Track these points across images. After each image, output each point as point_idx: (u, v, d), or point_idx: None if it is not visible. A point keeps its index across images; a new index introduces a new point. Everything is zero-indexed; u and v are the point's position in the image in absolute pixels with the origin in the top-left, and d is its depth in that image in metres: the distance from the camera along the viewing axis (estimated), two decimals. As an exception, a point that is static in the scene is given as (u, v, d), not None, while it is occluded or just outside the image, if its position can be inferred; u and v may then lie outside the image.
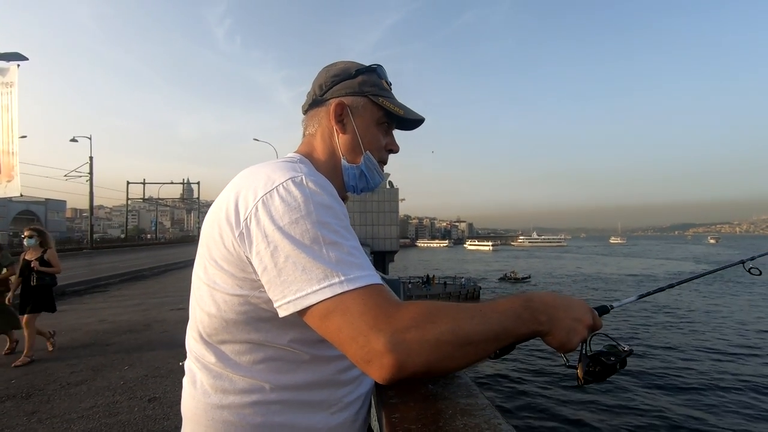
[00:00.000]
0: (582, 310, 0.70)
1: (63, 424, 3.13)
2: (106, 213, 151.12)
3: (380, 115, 0.88)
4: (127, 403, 3.53)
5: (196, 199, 62.36)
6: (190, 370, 0.77)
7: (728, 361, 16.05)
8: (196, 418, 0.74)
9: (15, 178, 7.21)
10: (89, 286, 11.10)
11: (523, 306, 0.65)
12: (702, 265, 67.71)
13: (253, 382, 0.71)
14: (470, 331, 0.60)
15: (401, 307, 0.61)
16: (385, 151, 0.92)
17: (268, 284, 0.64)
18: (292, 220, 0.63)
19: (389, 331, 0.57)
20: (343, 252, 0.63)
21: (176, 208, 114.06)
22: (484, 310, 0.63)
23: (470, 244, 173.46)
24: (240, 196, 0.69)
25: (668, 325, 22.58)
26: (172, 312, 7.44)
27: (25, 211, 48.02)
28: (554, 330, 0.66)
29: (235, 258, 0.68)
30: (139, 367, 4.47)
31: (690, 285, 41.69)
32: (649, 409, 11.71)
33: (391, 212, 34.77)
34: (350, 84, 0.87)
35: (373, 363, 0.58)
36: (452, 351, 0.59)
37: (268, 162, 0.78)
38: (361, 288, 0.61)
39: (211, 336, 0.73)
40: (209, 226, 0.73)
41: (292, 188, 0.66)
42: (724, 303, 30.51)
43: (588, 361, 0.68)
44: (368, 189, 0.92)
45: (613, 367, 0.68)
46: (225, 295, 0.70)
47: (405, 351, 0.57)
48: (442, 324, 0.59)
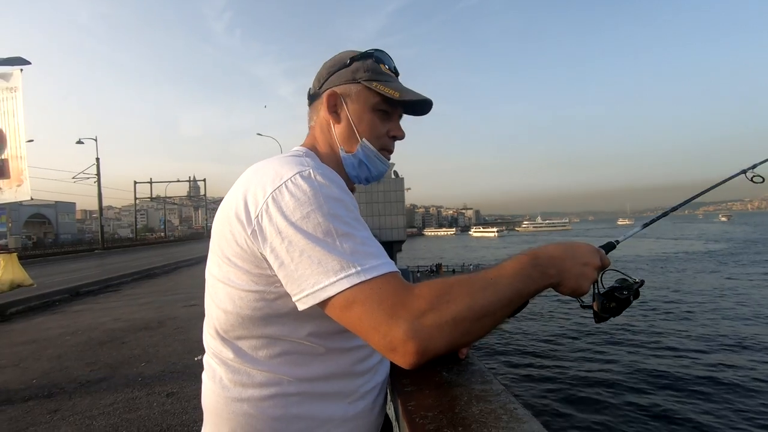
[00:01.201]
0: (589, 254, 0.71)
1: (85, 420, 3.21)
2: (115, 213, 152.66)
3: (377, 100, 0.85)
4: (146, 399, 3.61)
5: (203, 196, 62.75)
6: (209, 365, 0.79)
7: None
8: (217, 411, 0.75)
9: (25, 182, 7.28)
10: (102, 286, 11.27)
11: (531, 264, 0.67)
12: (719, 244, 67.02)
13: (271, 375, 0.72)
14: (485, 303, 0.62)
15: (416, 291, 0.62)
16: (389, 138, 0.88)
17: (285, 279, 0.65)
18: (304, 214, 0.64)
19: (408, 317, 0.59)
20: (357, 242, 0.64)
21: (184, 206, 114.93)
22: (495, 278, 0.64)
23: (475, 231, 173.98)
24: (249, 193, 0.69)
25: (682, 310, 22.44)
26: (185, 309, 7.54)
27: (36, 215, 48.69)
28: (564, 280, 0.68)
29: (248, 255, 0.69)
30: (155, 364, 4.55)
31: (707, 265, 41.22)
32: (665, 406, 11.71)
33: (397, 202, 34.68)
34: (344, 73, 0.86)
35: (397, 351, 0.60)
36: (470, 326, 0.61)
37: (274, 157, 0.78)
38: (378, 277, 0.62)
39: (228, 332, 0.74)
40: (220, 224, 0.73)
41: (301, 182, 0.66)
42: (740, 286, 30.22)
43: (602, 299, 0.70)
44: (372, 178, 0.90)
45: (627, 300, 0.70)
46: (240, 292, 0.71)
47: (426, 336, 0.59)
48: (457, 302, 0.61)
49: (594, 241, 0.85)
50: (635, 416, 10.38)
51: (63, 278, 12.47)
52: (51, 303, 8.92)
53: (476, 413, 0.66)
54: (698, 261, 45.37)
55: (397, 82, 0.88)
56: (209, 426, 0.78)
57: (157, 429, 3.06)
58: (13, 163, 7.42)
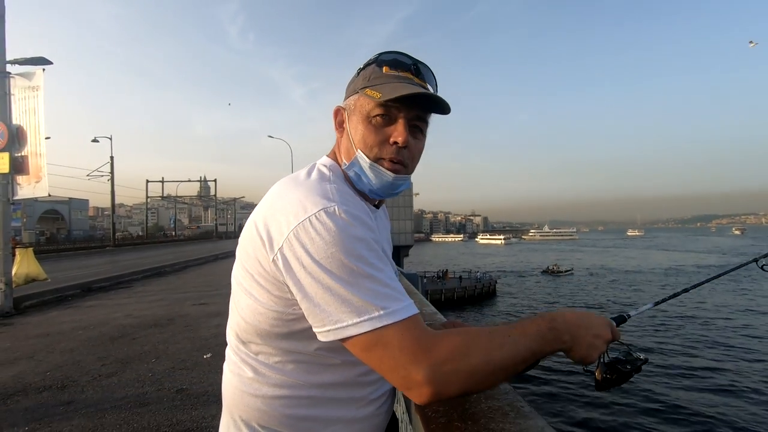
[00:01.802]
0: (601, 326, 0.74)
1: (97, 413, 3.28)
2: (127, 211, 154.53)
3: (371, 107, 0.79)
4: (156, 394, 3.67)
5: (213, 197, 63.25)
6: (230, 358, 0.84)
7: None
8: (234, 402, 0.80)
9: (43, 178, 7.46)
10: (114, 283, 11.43)
11: (548, 327, 0.70)
12: (731, 257, 65.81)
13: (284, 378, 0.77)
14: (500, 359, 0.65)
15: (438, 340, 0.65)
16: (389, 145, 0.79)
17: (307, 311, 0.68)
18: (328, 254, 0.65)
19: (427, 364, 0.62)
20: (379, 284, 0.66)
21: (194, 206, 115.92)
22: (513, 335, 0.67)
23: (482, 238, 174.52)
24: (273, 220, 0.71)
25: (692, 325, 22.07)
26: (194, 307, 7.63)
27: (50, 211, 49.51)
28: (576, 346, 0.71)
29: (270, 277, 0.72)
30: (165, 360, 4.62)
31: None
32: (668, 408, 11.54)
33: (405, 207, 34.74)
34: (352, 86, 0.85)
35: (412, 390, 0.64)
36: (484, 378, 0.66)
37: (299, 177, 0.80)
38: (400, 322, 0.64)
39: (246, 338, 0.79)
40: (246, 239, 0.76)
41: (326, 219, 0.67)
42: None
43: (605, 369, 0.72)
44: (380, 191, 0.82)
45: (629, 374, 0.72)
46: (260, 308, 0.74)
47: (442, 382, 0.63)
48: (475, 356, 0.64)
49: (601, 252, 0.88)
50: (635, 415, 10.24)
51: (76, 274, 12.68)
52: (64, 298, 9.07)
53: (485, 409, 0.71)
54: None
55: (399, 81, 0.79)
56: (226, 413, 0.84)
57: (167, 423, 3.12)
58: (33, 160, 7.61)
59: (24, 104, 7.51)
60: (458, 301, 33.51)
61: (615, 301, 29.61)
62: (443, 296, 33.35)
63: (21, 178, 7.55)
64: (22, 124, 7.49)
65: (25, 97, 7.51)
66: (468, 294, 34.51)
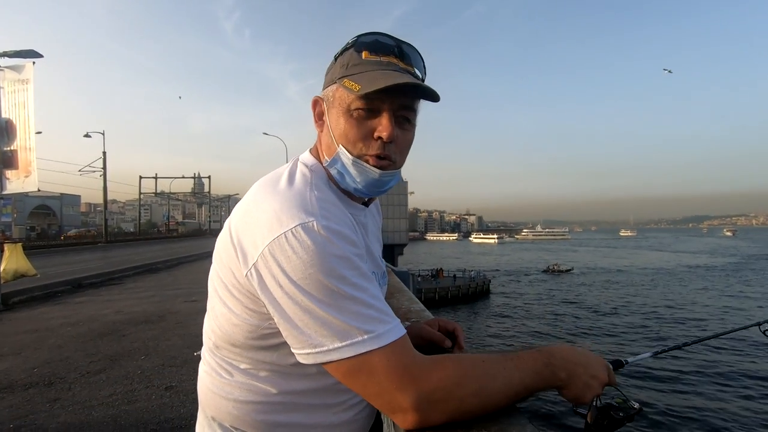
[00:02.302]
0: (599, 367, 0.71)
1: (84, 410, 3.25)
2: (120, 207, 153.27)
3: (352, 98, 0.71)
4: (145, 392, 3.64)
5: (207, 194, 62.93)
6: (205, 359, 0.81)
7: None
8: (208, 402, 0.78)
9: (32, 173, 7.37)
10: (105, 279, 11.34)
11: (544, 364, 0.67)
12: (724, 258, 66.45)
13: (257, 384, 0.73)
14: (492, 393, 0.63)
15: (428, 368, 0.62)
16: (374, 139, 0.72)
17: (285, 332, 0.64)
18: (306, 274, 0.61)
19: (416, 392, 0.59)
20: (363, 306, 0.62)
21: (187, 202, 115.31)
22: (508, 368, 0.65)
23: (476, 237, 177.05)
24: (246, 232, 0.67)
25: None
26: (185, 304, 7.58)
27: (41, 206, 49.05)
28: (571, 385, 0.68)
29: (244, 290, 0.68)
30: (155, 357, 4.59)
31: (709, 280, 40.95)
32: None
33: (400, 205, 34.78)
34: (330, 75, 0.77)
35: (396, 415, 0.61)
36: (473, 409, 0.63)
37: (279, 182, 0.72)
38: (386, 346, 0.60)
39: (220, 346, 0.76)
40: (221, 246, 0.72)
41: (303, 237, 0.62)
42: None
43: (597, 413, 0.70)
44: (365, 189, 0.76)
45: (621, 422, 0.70)
46: (234, 318, 0.71)
47: (429, 411, 0.60)
48: (467, 387, 0.61)
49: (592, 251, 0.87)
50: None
51: (66, 269, 12.56)
52: (53, 294, 8.98)
53: (466, 407, 0.69)
54: (700, 275, 45.09)
55: (379, 69, 0.72)
56: (201, 413, 0.82)
57: (155, 421, 3.10)
58: (22, 154, 7.51)
59: (13, 98, 7.40)
60: (452, 300, 33.56)
61: (606, 302, 29.76)
62: (437, 295, 33.41)
63: (10, 172, 7.46)
64: (12, 118, 7.39)
65: (14, 90, 7.41)
66: (462, 293, 34.58)
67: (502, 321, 25.40)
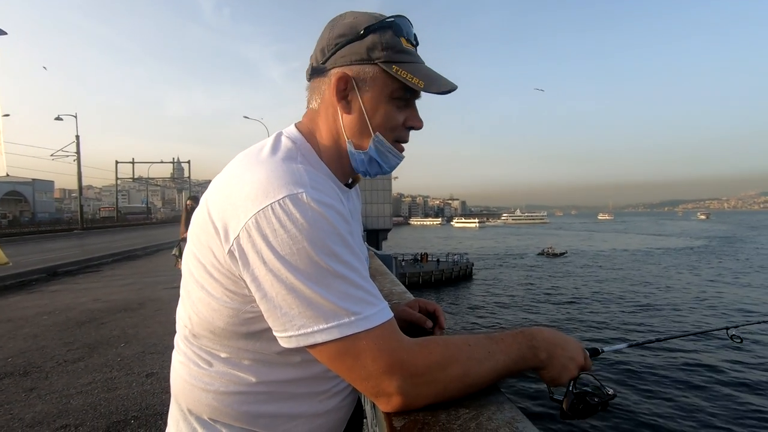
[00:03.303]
0: (576, 350, 0.73)
1: (62, 399, 3.19)
2: (96, 193, 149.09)
3: (395, 87, 0.70)
4: (125, 379, 3.59)
5: (187, 179, 61.61)
6: (179, 348, 0.76)
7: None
8: (184, 395, 0.73)
9: (0, 156, 7.07)
10: (82, 266, 11.07)
11: (527, 346, 0.68)
12: (696, 241, 68.77)
13: (239, 374, 0.69)
14: (477, 376, 0.64)
15: (415, 352, 0.61)
16: (404, 129, 0.75)
17: (267, 312, 0.60)
18: (294, 250, 0.57)
19: (401, 376, 0.59)
20: (352, 285, 0.59)
21: (167, 188, 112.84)
22: (493, 351, 0.66)
23: (457, 222, 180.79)
24: (228, 206, 0.61)
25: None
26: (166, 291, 7.47)
27: (11, 192, 47.25)
28: (550, 366, 0.70)
29: (225, 270, 0.63)
30: (135, 345, 4.52)
31: (683, 261, 42.43)
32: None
33: (384, 190, 34.66)
34: (357, 48, 0.70)
35: (380, 399, 0.61)
36: (457, 391, 0.64)
37: (263, 152, 0.68)
38: (373, 329, 0.59)
39: (198, 333, 0.70)
40: (198, 225, 0.66)
41: (292, 209, 0.58)
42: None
43: (573, 398, 0.72)
44: (383, 173, 0.78)
45: (596, 407, 0.72)
46: (214, 303, 0.65)
47: (414, 395, 0.60)
48: (453, 369, 0.62)
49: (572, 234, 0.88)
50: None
51: (40, 257, 12.18)
52: (27, 282, 8.73)
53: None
54: (680, 257, 46.69)
55: (419, 60, 0.74)
56: (174, 404, 0.76)
57: (136, 408, 3.06)
58: (-12, 138, 7.19)
59: (-24, 77, 7.02)
60: (435, 284, 34.02)
61: (580, 288, 30.56)
62: (421, 279, 33.79)
63: (-25, 156, 7.13)
64: (-25, 99, 7.02)
65: (-24, 69, 7.03)
66: (445, 276, 35.04)
67: (483, 305, 25.86)
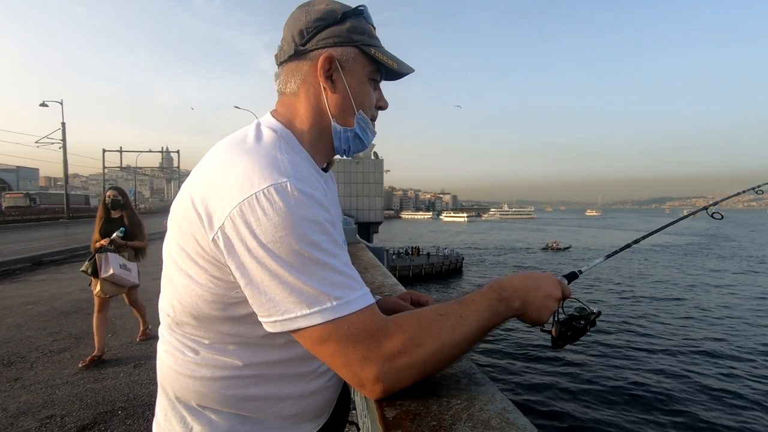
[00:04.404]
0: (551, 286, 0.74)
1: (48, 389, 3.15)
2: (82, 182, 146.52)
3: (371, 69, 0.77)
4: (112, 370, 3.56)
5: (176, 169, 60.79)
6: (163, 337, 0.76)
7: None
8: (170, 383, 0.73)
9: (-18, 143, 6.88)
10: (68, 256, 10.90)
11: (497, 299, 0.69)
12: (684, 237, 70.17)
13: (225, 359, 0.70)
14: (453, 343, 0.64)
15: (390, 332, 0.62)
16: (375, 108, 0.82)
17: (252, 299, 0.62)
18: (276, 237, 0.58)
19: (379, 360, 0.61)
20: (333, 272, 0.61)
21: (155, 178, 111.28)
22: (464, 314, 0.66)
23: (446, 216, 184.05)
24: (213, 194, 0.62)
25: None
26: (155, 282, 7.31)
27: (-6, 179, 46.19)
28: (527, 311, 0.71)
29: (209, 257, 0.64)
30: (122, 335, 4.48)
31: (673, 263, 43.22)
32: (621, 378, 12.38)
33: (375, 183, 34.61)
34: (338, 31, 0.74)
35: (365, 388, 0.63)
36: (437, 365, 0.65)
37: (246, 142, 0.69)
38: (353, 314, 0.60)
39: (181, 320, 0.70)
40: (180, 214, 0.67)
41: (275, 198, 0.59)
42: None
43: (560, 327, 0.74)
44: (362, 149, 0.83)
45: (584, 329, 0.74)
46: (198, 289, 0.66)
47: (394, 378, 0.62)
48: (428, 345, 0.63)
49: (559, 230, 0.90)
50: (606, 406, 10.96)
51: (24, 246, 11.96)
52: (11, 272, 8.57)
53: (438, 377, 0.70)
54: (665, 253, 47.53)
55: (382, 46, 0.81)
56: (162, 393, 0.77)
57: (123, 399, 3.04)
58: (-30, 123, 7.00)
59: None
60: (425, 277, 34.18)
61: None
62: (411, 272, 33.91)
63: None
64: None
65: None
66: (435, 270, 35.23)
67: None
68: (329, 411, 0.81)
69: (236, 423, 0.71)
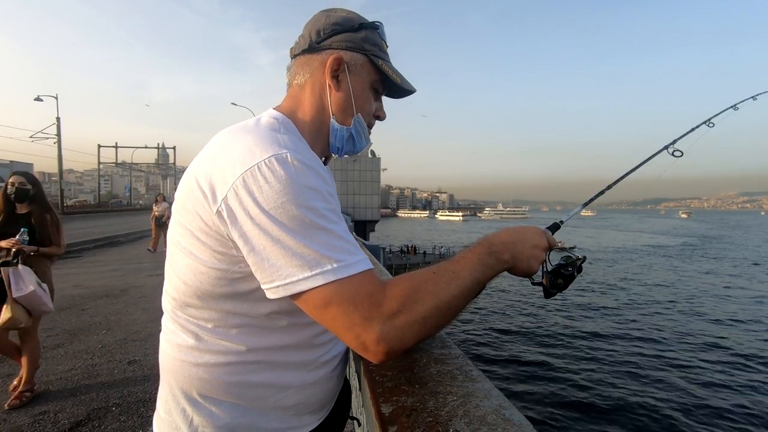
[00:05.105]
0: (537, 237, 0.79)
1: (41, 386, 3.13)
2: (77, 177, 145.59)
3: (376, 78, 0.84)
4: (107, 366, 3.54)
5: (172, 165, 60.51)
6: (166, 326, 0.78)
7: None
8: (173, 373, 0.74)
9: (-24, 137, 6.81)
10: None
11: (487, 253, 0.72)
12: (680, 238, 70.59)
13: (228, 344, 0.71)
14: (450, 299, 0.65)
15: (388, 291, 0.63)
16: (373, 117, 0.88)
17: (255, 266, 0.63)
18: (278, 204, 0.61)
19: (380, 319, 0.61)
20: (333, 236, 0.63)
21: (151, 174, 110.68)
22: (457, 270, 0.68)
23: (442, 215, 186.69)
24: (217, 169, 0.65)
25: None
26: (150, 278, 7.36)
27: (-12, 174, 45.80)
28: (517, 263, 0.74)
29: (213, 232, 0.66)
30: (117, 331, 4.46)
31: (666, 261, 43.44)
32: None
33: (372, 182, 34.60)
34: (352, 37, 0.81)
35: (368, 350, 0.62)
36: (437, 321, 0.65)
37: (248, 127, 0.72)
38: (354, 276, 0.62)
39: (186, 302, 0.72)
40: (184, 194, 0.69)
41: (276, 167, 0.62)
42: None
43: (551, 276, 0.78)
44: (353, 152, 0.88)
45: (572, 275, 0.79)
46: (202, 267, 0.68)
47: (396, 337, 0.62)
48: (425, 302, 0.64)
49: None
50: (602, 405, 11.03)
51: (18, 242, 11.87)
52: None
53: (433, 374, 0.70)
54: (660, 255, 47.87)
55: (391, 62, 0.88)
56: (164, 385, 0.78)
57: (118, 395, 3.03)
58: (-37, 116, 6.94)
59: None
60: (421, 276, 34.25)
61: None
62: (407, 270, 33.78)
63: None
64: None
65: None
66: (431, 268, 35.30)
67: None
68: (330, 404, 0.82)
69: (237, 415, 0.72)
